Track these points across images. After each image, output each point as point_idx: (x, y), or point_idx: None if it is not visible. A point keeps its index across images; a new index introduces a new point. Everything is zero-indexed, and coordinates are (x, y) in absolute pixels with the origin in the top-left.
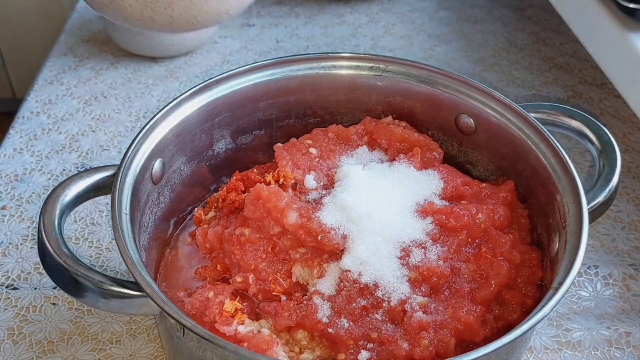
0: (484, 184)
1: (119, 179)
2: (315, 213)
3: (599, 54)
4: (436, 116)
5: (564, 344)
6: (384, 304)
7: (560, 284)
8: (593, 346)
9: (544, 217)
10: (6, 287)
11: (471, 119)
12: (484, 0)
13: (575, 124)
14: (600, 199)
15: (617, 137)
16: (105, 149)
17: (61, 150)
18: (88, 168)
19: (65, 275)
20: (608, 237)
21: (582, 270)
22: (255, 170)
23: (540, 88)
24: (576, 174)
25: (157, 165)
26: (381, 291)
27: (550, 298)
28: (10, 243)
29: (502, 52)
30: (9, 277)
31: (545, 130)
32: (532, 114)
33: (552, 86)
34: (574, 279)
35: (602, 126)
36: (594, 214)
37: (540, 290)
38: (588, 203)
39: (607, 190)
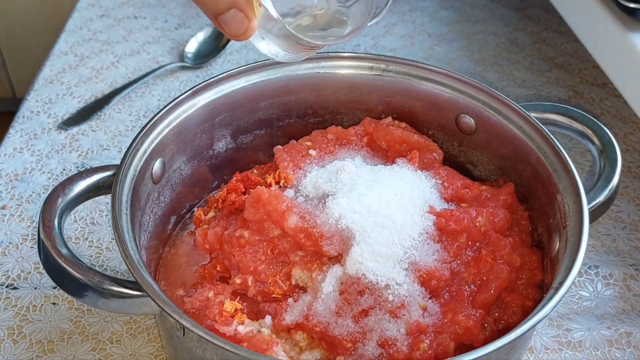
0: (484, 187)
1: (119, 178)
2: (315, 217)
3: (599, 54)
4: (437, 116)
5: (564, 344)
6: (383, 307)
7: (561, 283)
8: (593, 346)
9: (544, 217)
10: (6, 286)
11: (472, 119)
12: (485, 0)
13: (576, 124)
14: (601, 198)
15: (617, 137)
16: (105, 149)
17: (61, 149)
18: (88, 168)
19: (65, 275)
20: (608, 237)
21: (582, 270)
22: (255, 170)
23: (541, 88)
24: (577, 173)
25: (157, 164)
26: (380, 294)
27: (551, 298)
28: (10, 243)
29: (502, 52)
30: (9, 276)
31: (546, 130)
32: (533, 114)
33: (552, 86)
34: (575, 278)
35: (602, 126)
36: (595, 214)
37: (541, 292)
38: (588, 203)
39: (607, 190)
